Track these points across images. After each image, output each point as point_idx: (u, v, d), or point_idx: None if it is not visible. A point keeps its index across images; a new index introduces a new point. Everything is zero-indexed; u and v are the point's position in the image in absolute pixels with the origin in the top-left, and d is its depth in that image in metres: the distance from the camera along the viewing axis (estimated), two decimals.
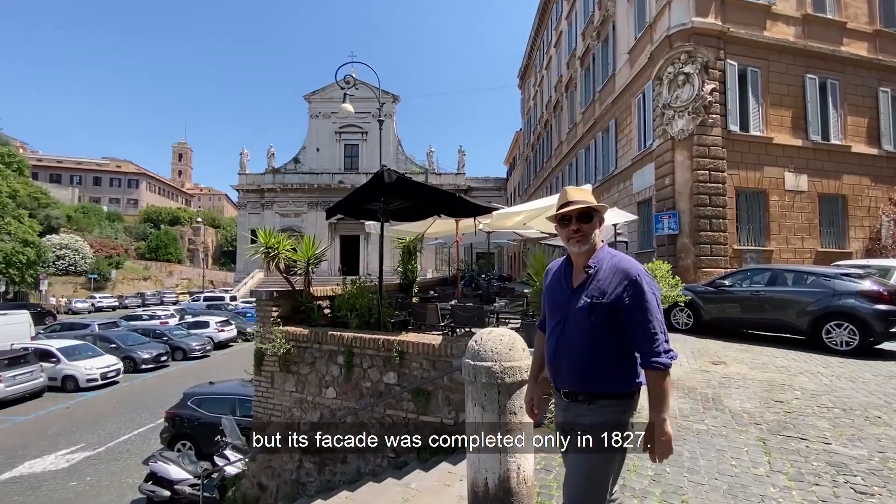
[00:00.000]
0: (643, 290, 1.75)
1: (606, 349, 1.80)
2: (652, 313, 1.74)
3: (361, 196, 6.02)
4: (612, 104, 15.58)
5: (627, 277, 1.77)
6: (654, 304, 1.75)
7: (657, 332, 1.73)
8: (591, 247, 1.88)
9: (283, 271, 6.41)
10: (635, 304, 1.74)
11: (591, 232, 1.89)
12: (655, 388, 1.74)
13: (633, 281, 1.76)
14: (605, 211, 1.96)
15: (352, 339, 5.43)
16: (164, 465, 7.81)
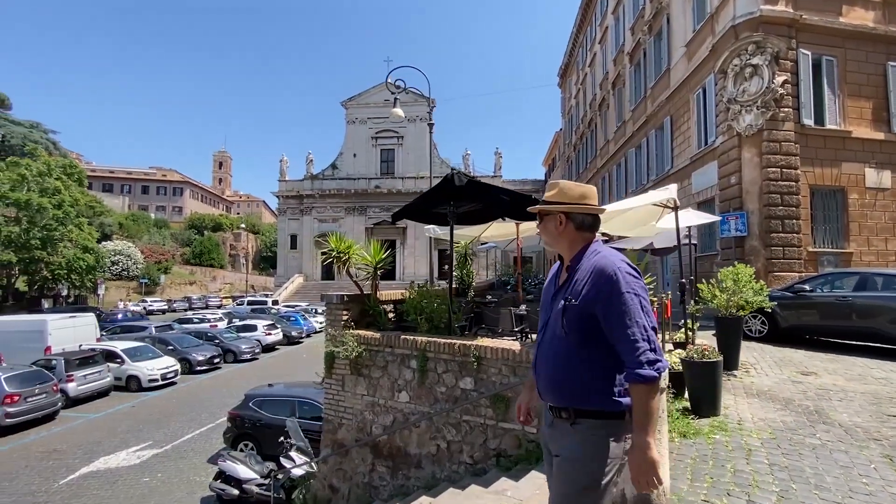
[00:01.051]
0: (619, 291, 1.55)
1: (581, 358, 1.62)
2: (631, 317, 1.53)
3: (430, 200, 6.11)
4: (667, 100, 15.13)
5: (602, 276, 1.59)
6: (633, 305, 1.54)
7: (637, 339, 1.52)
8: (571, 243, 1.74)
9: (353, 276, 6.57)
10: (610, 306, 1.56)
11: (552, 230, 1.77)
12: (637, 404, 1.53)
13: (608, 279, 1.57)
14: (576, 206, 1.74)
15: (425, 344, 5.50)
16: (232, 465, 8.16)
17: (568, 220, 1.75)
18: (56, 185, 32.98)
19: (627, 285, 1.56)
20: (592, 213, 1.76)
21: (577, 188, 1.77)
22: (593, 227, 1.77)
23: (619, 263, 1.61)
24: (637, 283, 1.59)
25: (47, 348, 15.45)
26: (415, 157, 47.68)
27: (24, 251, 30.27)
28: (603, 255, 1.66)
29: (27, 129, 56.26)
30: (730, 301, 6.51)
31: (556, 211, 1.76)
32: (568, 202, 1.75)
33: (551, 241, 1.81)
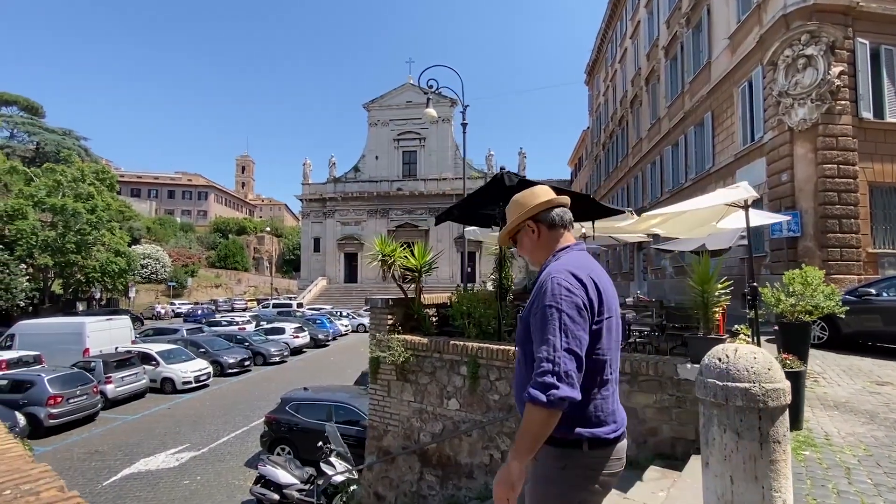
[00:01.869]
0: (543, 302, 1.42)
1: (525, 380, 1.50)
2: (545, 332, 1.38)
3: (477, 201, 6.01)
4: (708, 95, 14.68)
5: (539, 284, 1.49)
6: (550, 321, 1.38)
7: (542, 358, 1.36)
8: (549, 248, 1.65)
9: (398, 279, 6.52)
10: (534, 317, 1.45)
11: (529, 245, 1.70)
12: (523, 422, 1.39)
13: (539, 287, 1.47)
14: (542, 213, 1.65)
15: (477, 350, 5.40)
16: (272, 469, 8.20)
17: (538, 223, 1.66)
18: (90, 191, 34.27)
19: (553, 298, 1.42)
20: (556, 203, 1.66)
21: (529, 194, 1.69)
22: (565, 220, 1.67)
23: (557, 272, 1.48)
24: (566, 297, 1.42)
25: (85, 350, 16.00)
26: (437, 159, 47.75)
27: (59, 255, 31.52)
28: (554, 263, 1.56)
29: (60, 136, 58.83)
30: (796, 306, 6.20)
31: (524, 220, 1.68)
32: (528, 208, 1.67)
33: (532, 255, 1.72)
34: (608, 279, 1.61)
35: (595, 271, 1.55)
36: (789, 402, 2.22)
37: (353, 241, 48.83)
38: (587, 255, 1.66)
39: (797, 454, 3.72)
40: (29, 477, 1.79)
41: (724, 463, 2.24)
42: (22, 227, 29.83)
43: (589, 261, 1.60)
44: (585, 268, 1.52)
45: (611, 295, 1.57)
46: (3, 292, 27.37)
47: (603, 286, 1.53)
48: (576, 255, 1.60)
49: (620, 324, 1.64)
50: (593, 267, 1.57)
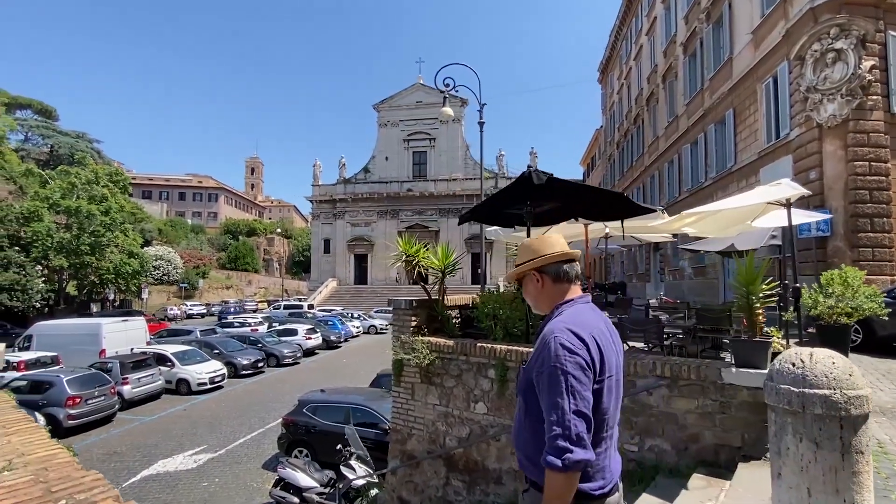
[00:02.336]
0: (549, 363, 1.45)
1: (526, 426, 1.59)
2: (553, 396, 1.41)
3: (504, 200, 5.92)
4: (730, 92, 14.43)
5: (542, 342, 1.51)
6: (557, 384, 1.41)
7: (554, 422, 1.39)
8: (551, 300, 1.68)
9: (422, 280, 6.46)
10: (541, 377, 1.48)
11: (532, 292, 1.73)
12: (545, 487, 1.42)
13: (544, 346, 1.49)
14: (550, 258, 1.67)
15: (506, 352, 5.30)
16: (292, 472, 8.16)
17: (543, 274, 1.69)
18: (103, 193, 34.76)
19: (557, 359, 1.44)
20: (562, 259, 1.68)
21: (540, 242, 1.73)
22: (570, 275, 1.69)
23: (560, 332, 1.49)
24: (569, 358, 1.44)
25: (102, 351, 16.18)
26: (447, 159, 47.72)
27: (74, 256, 32.00)
28: (556, 319, 1.59)
29: (74, 138, 59.84)
30: (835, 307, 6.03)
31: (529, 269, 1.71)
32: (536, 257, 1.70)
33: (535, 303, 1.76)
34: (610, 334, 1.62)
35: (596, 328, 1.56)
36: (869, 410, 2.11)
37: (363, 243, 48.96)
38: (590, 309, 1.67)
39: None
40: (82, 485, 1.73)
41: (801, 474, 2.13)
42: (38, 229, 30.34)
43: (591, 316, 1.62)
44: (587, 325, 1.54)
45: (612, 352, 1.58)
46: (20, 293, 27.84)
47: (604, 344, 1.54)
48: (578, 311, 1.62)
49: (622, 381, 1.65)
50: (595, 323, 1.58)
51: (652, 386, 4.35)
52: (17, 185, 37.61)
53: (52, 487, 1.71)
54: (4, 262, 27.43)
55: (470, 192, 46.32)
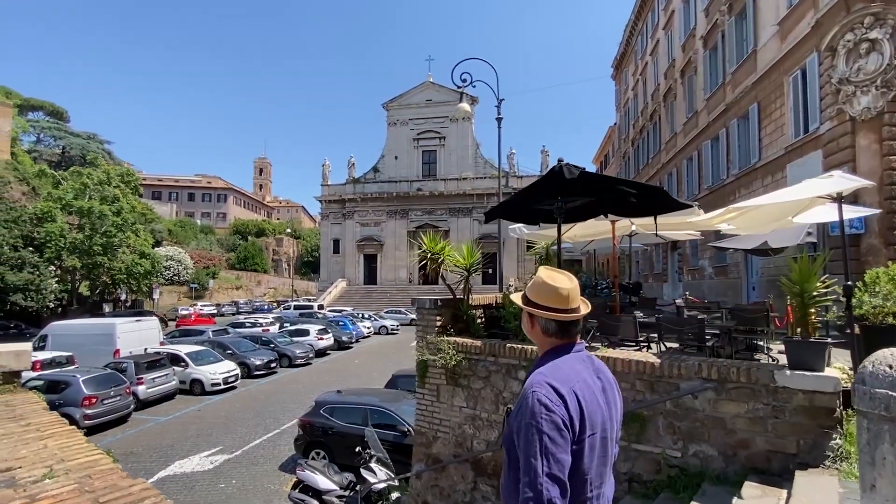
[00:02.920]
0: (525, 420, 1.40)
1: (511, 481, 1.51)
2: (527, 451, 1.37)
3: (533, 196, 5.76)
4: (754, 86, 14.12)
5: (522, 396, 1.48)
6: (532, 443, 1.36)
7: (527, 481, 1.35)
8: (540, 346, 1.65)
9: (444, 278, 6.33)
10: (518, 433, 1.43)
11: (526, 328, 1.69)
12: None
13: (523, 401, 1.46)
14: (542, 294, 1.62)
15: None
16: (311, 475, 8.07)
17: (533, 320, 1.64)
18: (115, 193, 35.13)
19: (533, 416, 1.40)
20: (552, 318, 1.59)
21: (543, 287, 1.63)
22: (559, 334, 1.61)
23: (538, 385, 1.46)
24: (545, 416, 1.39)
25: (116, 351, 16.27)
26: (457, 158, 47.58)
27: (86, 257, 32.37)
28: (538, 371, 1.54)
29: (85, 139, 60.68)
30: (881, 307, 5.78)
31: (525, 310, 1.67)
32: (533, 302, 1.64)
33: (529, 337, 1.71)
34: (600, 387, 1.57)
35: (580, 383, 1.51)
36: None
37: (372, 243, 48.98)
38: (578, 360, 1.60)
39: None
40: (131, 495, 1.62)
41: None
42: (51, 230, 30.73)
43: (576, 369, 1.56)
44: (569, 380, 1.50)
45: (596, 408, 1.51)
46: (34, 293, 28.21)
47: (586, 400, 1.49)
48: (564, 362, 1.57)
49: (614, 437, 1.59)
50: (579, 377, 1.53)
51: (697, 389, 4.18)
52: (30, 186, 38.17)
53: (101, 498, 1.61)
54: (19, 263, 27.81)
55: (480, 192, 46.15)
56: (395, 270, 48.38)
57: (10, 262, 27.25)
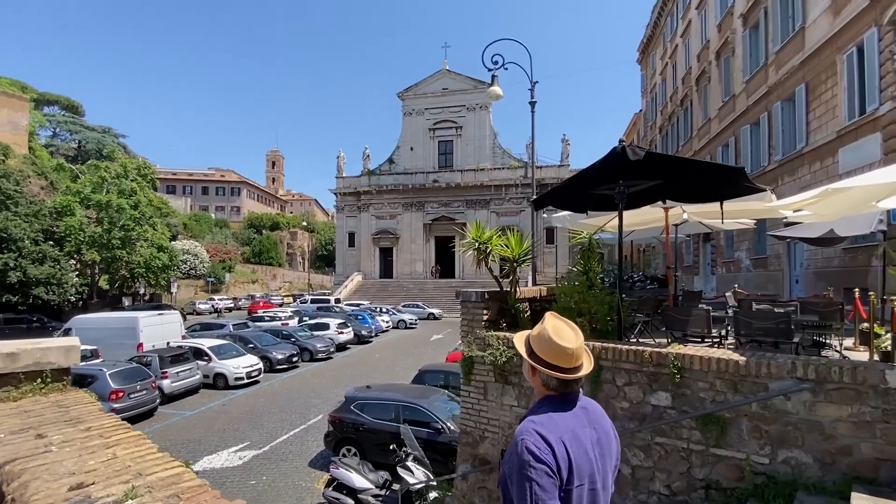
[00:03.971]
0: (515, 468, 1.49)
1: None
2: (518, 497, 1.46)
3: (590, 180, 5.42)
4: (801, 66, 13.44)
5: (513, 441, 1.56)
6: (522, 485, 1.45)
7: None
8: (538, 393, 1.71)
9: (492, 270, 6.05)
10: (510, 476, 1.53)
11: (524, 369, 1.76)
12: None
13: (514, 445, 1.54)
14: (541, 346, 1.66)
15: (600, 350, 4.85)
16: (346, 473, 7.92)
17: (535, 371, 1.68)
18: (132, 187, 35.53)
19: (523, 465, 1.47)
20: (555, 377, 1.64)
21: (550, 344, 1.64)
22: (559, 388, 1.66)
23: (528, 433, 1.52)
24: (535, 465, 1.46)
25: (139, 345, 16.37)
26: (473, 149, 47.02)
27: (105, 250, 32.86)
28: (530, 418, 1.61)
29: (100, 133, 61.60)
30: None
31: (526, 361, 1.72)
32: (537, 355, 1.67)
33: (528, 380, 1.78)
34: (587, 442, 1.59)
35: (569, 433, 1.56)
36: None
37: (388, 236, 48.86)
38: (573, 415, 1.63)
39: None
40: None
41: None
42: (70, 224, 31.21)
43: (567, 422, 1.59)
44: (558, 429, 1.55)
45: (585, 460, 1.56)
46: (56, 287, 28.71)
47: (574, 451, 1.53)
48: (557, 415, 1.61)
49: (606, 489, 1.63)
50: (567, 430, 1.56)
51: (790, 389, 3.84)
52: (48, 180, 38.82)
53: None
54: (40, 256, 28.31)
55: (498, 183, 45.61)
56: (412, 264, 48.23)
57: (32, 255, 27.74)
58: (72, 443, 2.01)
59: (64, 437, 2.06)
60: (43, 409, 2.54)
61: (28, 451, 1.89)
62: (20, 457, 1.84)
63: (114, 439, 2.03)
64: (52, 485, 1.61)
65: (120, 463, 1.79)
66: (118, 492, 1.54)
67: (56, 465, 1.76)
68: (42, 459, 1.82)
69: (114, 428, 2.16)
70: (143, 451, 1.93)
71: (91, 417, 2.37)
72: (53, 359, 2.87)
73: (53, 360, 2.87)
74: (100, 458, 1.83)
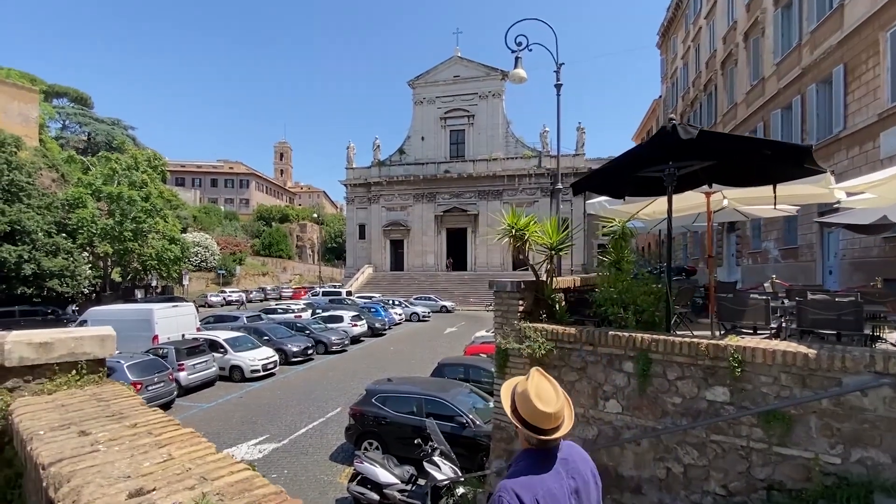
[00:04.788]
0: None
1: None
2: None
3: (635, 162, 5.16)
4: (839, 45, 12.90)
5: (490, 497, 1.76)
6: None
7: None
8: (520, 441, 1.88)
9: (528, 259, 5.82)
10: None
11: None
12: None
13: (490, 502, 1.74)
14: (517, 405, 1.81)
15: (650, 343, 4.62)
16: (371, 467, 7.83)
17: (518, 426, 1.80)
18: (143, 178, 35.70)
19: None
20: (530, 437, 1.76)
21: (530, 406, 1.74)
22: (539, 445, 1.77)
23: (504, 491, 1.65)
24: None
25: (154, 337, 16.43)
26: (486, 138, 46.51)
27: (117, 242, 33.13)
28: (508, 474, 1.74)
29: (109, 125, 61.96)
30: None
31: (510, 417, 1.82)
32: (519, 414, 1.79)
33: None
34: (563, 496, 1.69)
35: (544, 490, 1.66)
36: None
37: (399, 228, 48.72)
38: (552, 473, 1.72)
39: None
40: None
41: None
42: (82, 216, 31.46)
43: (544, 481, 1.69)
44: (533, 488, 1.66)
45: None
46: (69, 279, 29.02)
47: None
48: (534, 474, 1.70)
49: None
50: (543, 488, 1.67)
51: (867, 385, 3.59)
52: (59, 172, 39.16)
53: None
54: (53, 249, 28.59)
55: (511, 173, 45.15)
56: (423, 256, 48.09)
57: (45, 248, 28.03)
58: (120, 441, 1.84)
59: (110, 435, 1.89)
60: (81, 402, 2.38)
61: (73, 451, 1.73)
62: (66, 457, 1.68)
63: (165, 437, 1.85)
64: (107, 490, 1.44)
65: (179, 465, 1.62)
66: (185, 499, 1.36)
67: (108, 466, 1.60)
68: (91, 460, 1.65)
69: (162, 425, 1.98)
70: (201, 451, 1.76)
71: (135, 412, 2.20)
72: (89, 349, 2.72)
73: (89, 351, 2.72)
74: (155, 460, 1.65)
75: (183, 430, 1.97)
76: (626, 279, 5.37)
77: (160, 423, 2.04)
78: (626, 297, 5.31)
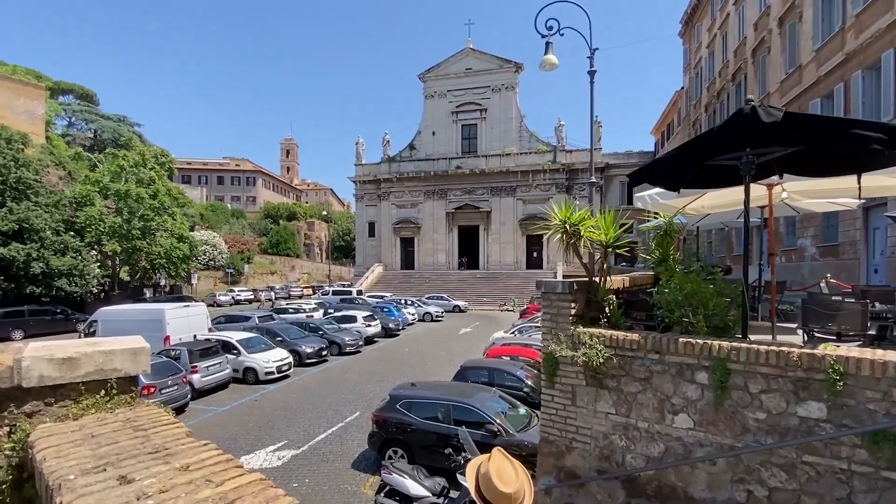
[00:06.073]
0: None
1: None
2: None
3: (707, 148, 4.72)
4: (889, 28, 12.28)
5: None
6: None
7: None
8: None
9: (581, 256, 5.41)
10: None
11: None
12: None
13: None
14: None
15: (729, 351, 4.19)
16: (399, 478, 7.48)
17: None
18: (151, 175, 35.67)
19: None
20: None
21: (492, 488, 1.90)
22: None
23: None
24: None
25: (166, 338, 16.23)
26: (499, 132, 45.95)
27: (126, 241, 33.12)
28: None
29: (115, 122, 62.21)
30: None
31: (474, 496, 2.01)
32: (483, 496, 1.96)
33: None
34: None
35: None
36: None
37: (409, 225, 48.36)
38: None
39: None
40: None
41: None
42: (90, 214, 31.47)
43: None
44: None
45: None
46: (78, 278, 29.02)
47: None
48: None
49: None
50: None
51: None
52: (66, 170, 39.29)
53: None
54: (62, 247, 28.60)
55: (525, 168, 44.56)
56: (434, 254, 47.71)
57: (54, 246, 28.03)
58: (173, 492, 1.46)
59: (159, 483, 1.52)
60: (114, 432, 2.02)
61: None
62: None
63: (230, 488, 1.47)
64: None
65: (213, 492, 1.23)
66: None
67: None
68: None
69: (221, 467, 1.59)
70: (270, 496, 1.37)
71: (182, 448, 1.83)
72: (119, 365, 2.36)
73: (119, 367, 2.36)
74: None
75: (250, 475, 1.59)
76: (695, 280, 4.92)
77: (218, 465, 1.66)
78: (694, 299, 4.88)
